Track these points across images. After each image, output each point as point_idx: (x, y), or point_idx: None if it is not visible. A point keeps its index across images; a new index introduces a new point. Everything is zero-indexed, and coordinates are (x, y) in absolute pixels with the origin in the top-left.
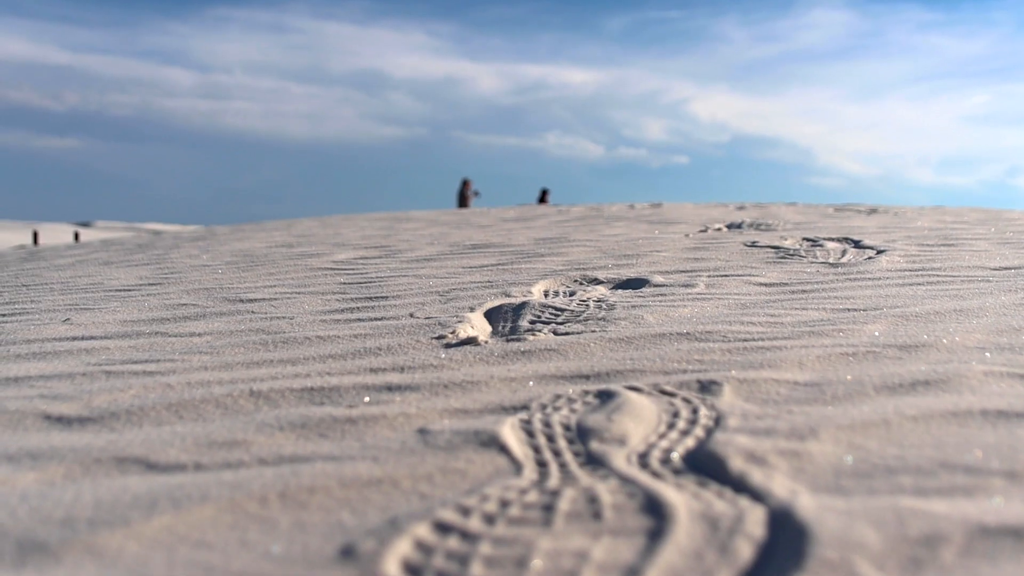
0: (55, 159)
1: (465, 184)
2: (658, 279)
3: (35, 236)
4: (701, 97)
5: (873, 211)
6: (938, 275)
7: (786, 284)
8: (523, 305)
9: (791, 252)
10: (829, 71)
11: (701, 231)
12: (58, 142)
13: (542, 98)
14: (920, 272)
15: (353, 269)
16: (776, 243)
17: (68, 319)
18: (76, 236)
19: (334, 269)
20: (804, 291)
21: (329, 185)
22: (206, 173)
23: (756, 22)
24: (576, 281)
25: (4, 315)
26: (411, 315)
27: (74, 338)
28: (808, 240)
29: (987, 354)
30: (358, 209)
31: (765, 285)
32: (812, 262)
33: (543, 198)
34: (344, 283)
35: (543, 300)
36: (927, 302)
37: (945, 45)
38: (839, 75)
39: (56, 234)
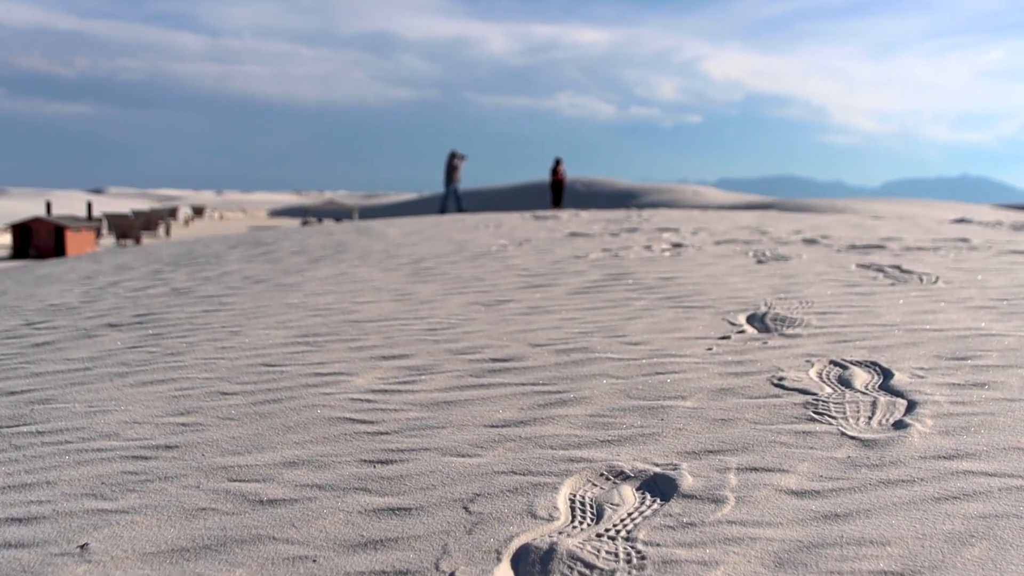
0: (66, 126)
1: (452, 156)
2: (687, 481)
3: (48, 207)
4: (714, 55)
5: (898, 275)
6: (974, 473)
7: (819, 494)
8: (550, 555)
9: (821, 407)
10: (842, 28)
11: (724, 338)
12: (69, 108)
13: (554, 58)
14: (954, 464)
15: (371, 420)
16: (803, 376)
17: (86, 545)
18: (89, 207)
19: (351, 419)
20: (837, 516)
21: (340, 148)
22: (217, 137)
23: None
24: (603, 476)
25: (19, 519)
26: (436, 567)
27: None
28: (835, 366)
29: None
30: (370, 177)
31: (797, 496)
32: (843, 434)
33: (556, 169)
34: (363, 460)
35: (570, 546)
36: (965, 553)
37: None
38: (853, 32)
39: (69, 203)
